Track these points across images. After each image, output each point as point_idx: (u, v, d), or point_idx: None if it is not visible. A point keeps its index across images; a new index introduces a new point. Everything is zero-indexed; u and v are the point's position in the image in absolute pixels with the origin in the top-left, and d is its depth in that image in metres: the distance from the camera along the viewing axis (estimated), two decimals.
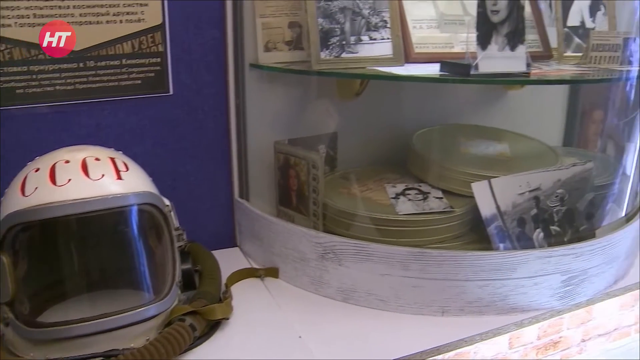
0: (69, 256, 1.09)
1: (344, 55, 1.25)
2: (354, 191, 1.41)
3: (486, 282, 1.14)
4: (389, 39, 1.29)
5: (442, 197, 1.33)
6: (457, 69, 1.16)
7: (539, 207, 1.27)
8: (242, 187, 1.45)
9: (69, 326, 0.95)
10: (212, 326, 1.09)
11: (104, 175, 1.00)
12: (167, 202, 1.10)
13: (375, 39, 1.28)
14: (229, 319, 1.12)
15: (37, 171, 0.99)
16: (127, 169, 1.05)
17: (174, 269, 1.07)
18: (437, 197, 1.33)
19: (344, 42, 1.25)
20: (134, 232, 1.08)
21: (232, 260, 1.39)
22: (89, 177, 0.98)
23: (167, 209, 1.09)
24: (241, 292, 1.23)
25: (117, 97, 1.28)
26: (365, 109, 1.48)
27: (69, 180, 0.97)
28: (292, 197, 1.38)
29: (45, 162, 1.01)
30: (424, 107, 1.54)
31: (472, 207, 1.26)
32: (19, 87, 1.18)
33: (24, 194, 0.96)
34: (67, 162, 1.00)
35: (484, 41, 1.12)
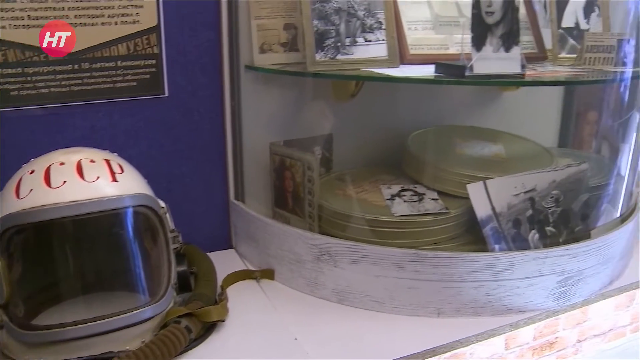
0: (64, 258, 1.09)
1: (339, 56, 1.25)
2: (349, 193, 1.41)
3: (482, 283, 1.14)
4: (384, 40, 1.29)
5: (437, 199, 1.33)
6: (452, 71, 1.17)
7: (534, 208, 1.27)
8: (237, 189, 1.45)
9: (64, 329, 0.94)
10: (208, 328, 1.09)
11: (99, 177, 1.00)
12: (163, 204, 1.10)
13: (370, 41, 1.28)
14: (224, 321, 1.12)
15: (31, 173, 0.99)
16: (122, 171, 1.04)
17: (170, 271, 1.07)
18: (432, 199, 1.33)
19: (339, 44, 1.25)
20: (129, 234, 1.08)
21: (228, 262, 1.39)
22: (84, 179, 0.98)
23: (162, 211, 1.08)
24: (237, 293, 1.23)
25: (112, 99, 1.28)
26: (360, 111, 1.48)
27: (64, 182, 0.97)
28: (287, 198, 1.38)
29: (40, 164, 1.01)
30: (419, 109, 1.55)
31: (467, 208, 1.26)
32: (13, 89, 1.18)
33: (18, 197, 0.96)
34: (62, 164, 1.00)
35: (478, 42, 1.12)
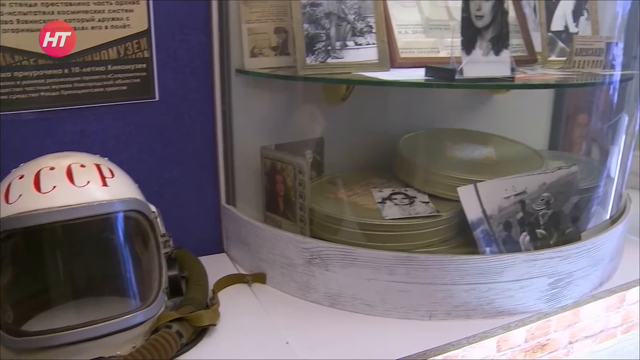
0: (54, 264, 1.09)
1: (329, 60, 1.26)
2: (340, 196, 1.41)
3: (473, 285, 1.15)
4: (374, 44, 1.30)
5: (428, 202, 1.34)
6: (442, 74, 1.17)
7: (524, 211, 1.27)
8: (228, 193, 1.45)
9: (54, 334, 0.94)
10: (199, 333, 1.09)
11: (89, 182, 0.99)
12: (153, 209, 1.10)
13: (360, 44, 1.28)
14: (216, 325, 1.12)
15: (21, 178, 0.98)
16: (113, 176, 1.04)
17: (161, 276, 1.07)
18: (423, 202, 1.34)
19: (330, 48, 1.26)
20: (120, 239, 1.08)
21: (219, 266, 1.38)
22: (74, 184, 0.98)
23: (153, 216, 1.08)
24: (228, 298, 1.23)
25: (103, 103, 1.27)
26: (351, 114, 1.49)
27: (54, 187, 0.96)
28: (279, 202, 1.38)
29: (29, 169, 1.00)
30: (410, 112, 1.55)
31: (458, 211, 1.27)
32: (3, 94, 1.18)
33: (7, 202, 0.95)
34: (51, 168, 0.99)
35: (468, 46, 1.13)
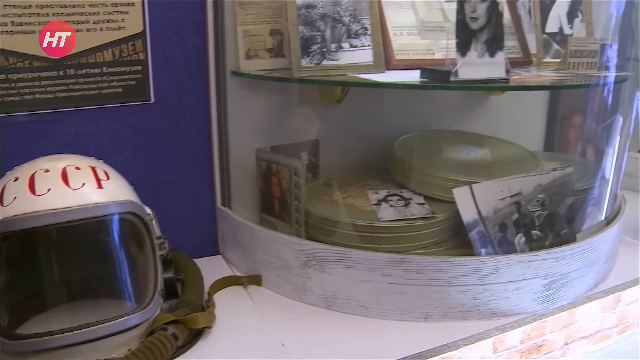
0: (49, 266, 1.08)
1: (324, 62, 1.26)
2: (336, 198, 1.41)
3: (468, 287, 1.15)
4: (369, 46, 1.30)
5: (423, 203, 1.34)
6: (437, 76, 1.17)
7: (520, 212, 1.27)
8: (224, 195, 1.45)
9: (50, 337, 0.93)
10: (195, 335, 1.08)
11: (84, 184, 0.99)
12: (149, 211, 1.10)
13: (355, 46, 1.28)
14: (211, 328, 1.12)
15: (16, 180, 0.98)
16: (108, 178, 1.04)
17: (156, 278, 1.07)
18: (418, 203, 1.34)
19: (325, 50, 1.26)
20: (115, 242, 1.07)
21: (215, 268, 1.38)
22: (69, 187, 0.98)
23: (148, 218, 1.08)
24: (224, 300, 1.23)
25: (98, 106, 1.27)
26: (346, 116, 1.49)
27: (49, 189, 0.96)
28: (274, 204, 1.38)
29: (24, 171, 1.00)
30: (405, 114, 1.55)
31: (453, 212, 1.27)
32: None
33: (2, 204, 0.95)
34: (46, 171, 0.99)
35: (463, 48, 1.13)
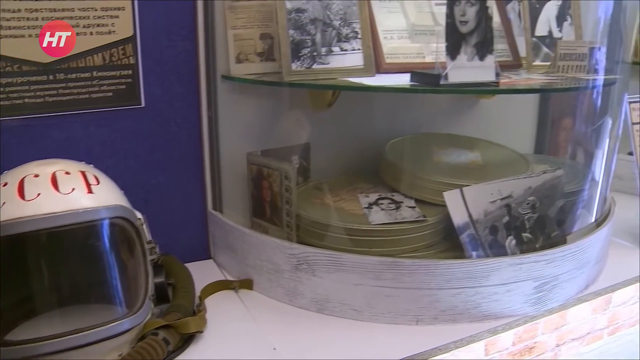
0: (39, 272, 1.08)
1: (315, 66, 1.26)
2: (327, 201, 1.41)
3: (459, 290, 1.15)
4: (359, 49, 1.30)
5: (414, 207, 1.34)
6: (427, 79, 1.17)
7: (510, 215, 1.28)
8: (215, 199, 1.45)
9: (40, 343, 0.93)
10: (186, 339, 1.08)
11: (74, 189, 0.99)
12: (139, 215, 1.09)
13: (346, 50, 1.29)
14: (203, 332, 1.11)
15: (5, 186, 0.97)
16: (98, 183, 1.04)
17: (147, 283, 1.06)
18: (409, 207, 1.34)
19: (315, 54, 1.26)
20: (106, 246, 1.07)
21: (206, 272, 1.38)
22: (59, 191, 0.97)
23: (139, 222, 1.08)
24: (215, 304, 1.22)
25: (88, 110, 1.27)
26: (337, 120, 1.49)
27: (39, 194, 0.96)
28: (265, 208, 1.38)
29: (13, 176, 0.99)
30: (395, 117, 1.56)
31: (444, 215, 1.27)
32: None
33: None
34: (36, 176, 0.99)
35: (453, 51, 1.13)
